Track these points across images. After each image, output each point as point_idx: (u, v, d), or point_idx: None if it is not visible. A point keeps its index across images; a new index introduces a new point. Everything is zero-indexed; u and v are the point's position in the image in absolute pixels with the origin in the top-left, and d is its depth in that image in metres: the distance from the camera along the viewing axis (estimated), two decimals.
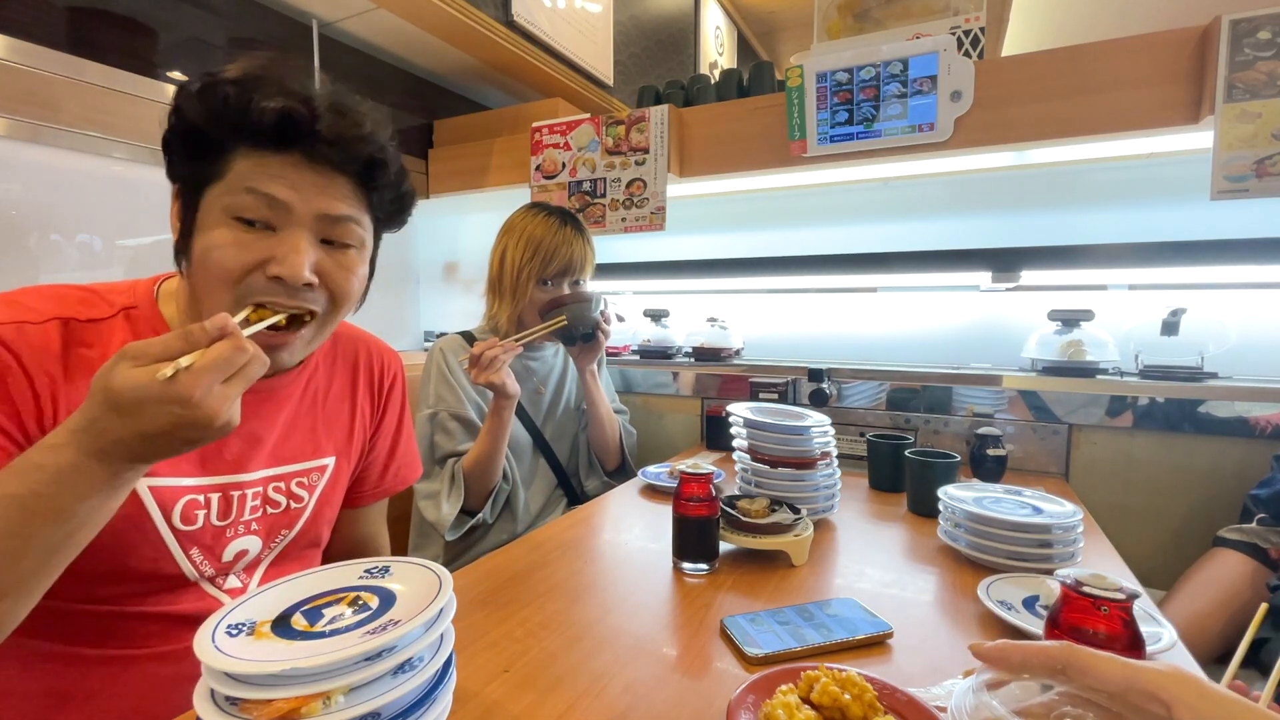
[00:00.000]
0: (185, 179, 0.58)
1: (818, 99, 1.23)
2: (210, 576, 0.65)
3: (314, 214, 0.59)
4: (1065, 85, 1.08)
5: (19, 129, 0.99)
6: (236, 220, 0.56)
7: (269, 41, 1.36)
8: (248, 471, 0.66)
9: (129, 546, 0.59)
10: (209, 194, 0.57)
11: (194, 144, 0.57)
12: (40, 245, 1.04)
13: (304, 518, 0.71)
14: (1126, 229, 1.32)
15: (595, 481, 1.31)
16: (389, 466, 0.83)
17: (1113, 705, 0.35)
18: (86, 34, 1.08)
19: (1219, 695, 0.32)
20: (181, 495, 0.61)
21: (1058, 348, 1.28)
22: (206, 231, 0.56)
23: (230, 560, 0.66)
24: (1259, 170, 0.96)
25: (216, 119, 0.55)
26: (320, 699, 0.39)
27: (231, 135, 0.56)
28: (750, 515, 0.83)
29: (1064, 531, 0.77)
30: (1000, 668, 0.39)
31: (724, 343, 1.61)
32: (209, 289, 0.57)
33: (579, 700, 0.52)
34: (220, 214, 0.56)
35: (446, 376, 1.15)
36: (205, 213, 0.57)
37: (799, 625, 0.63)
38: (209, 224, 0.57)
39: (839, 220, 1.63)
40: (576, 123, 1.46)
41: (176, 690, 0.61)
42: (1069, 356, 1.26)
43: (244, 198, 0.56)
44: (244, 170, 0.56)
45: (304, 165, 0.58)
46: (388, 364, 0.82)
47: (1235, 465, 1.12)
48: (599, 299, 1.20)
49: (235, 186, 0.56)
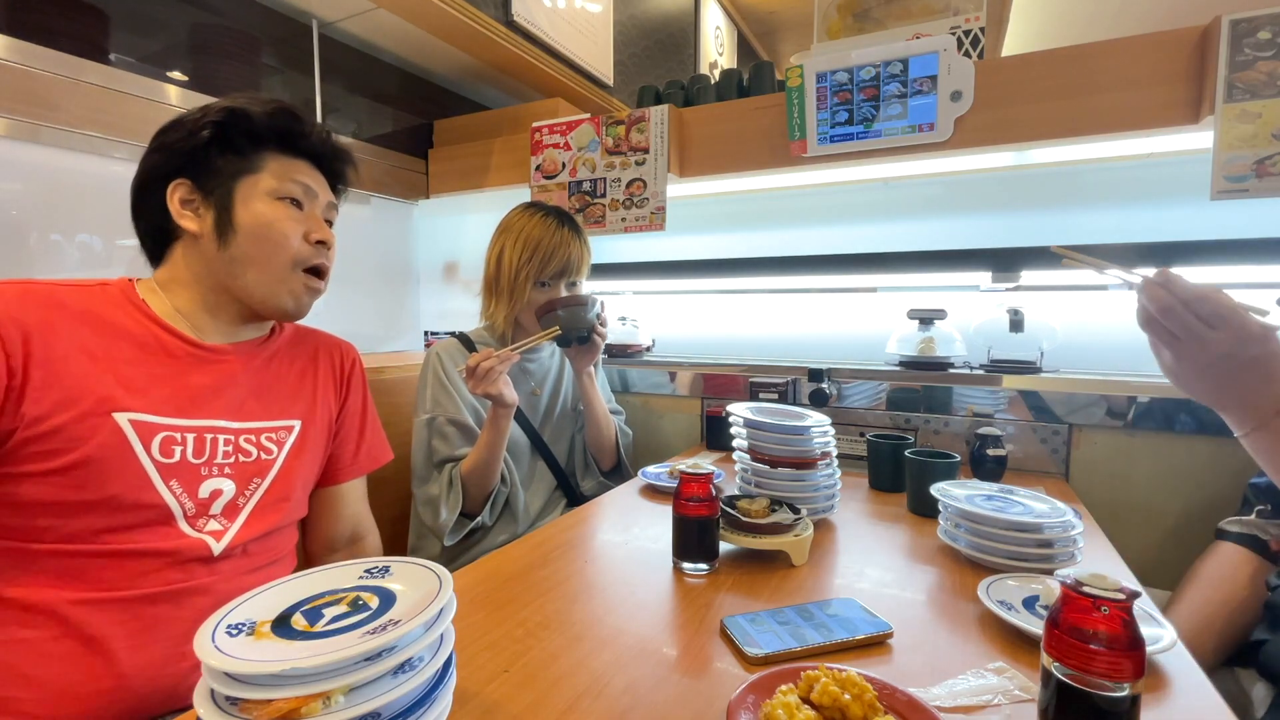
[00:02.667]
0: (217, 173, 0.74)
1: (818, 99, 1.23)
2: (191, 515, 0.71)
3: (325, 202, 0.83)
4: (1065, 85, 1.08)
5: (19, 129, 0.99)
6: (281, 200, 0.76)
7: (269, 41, 1.36)
8: (219, 419, 0.75)
9: (114, 474, 0.65)
10: (245, 183, 0.75)
11: (243, 143, 0.75)
12: (40, 245, 1.04)
13: (274, 469, 0.79)
14: (1126, 229, 1.32)
15: (591, 482, 1.31)
16: (360, 445, 0.94)
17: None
18: (86, 34, 1.08)
19: None
20: (159, 430, 0.69)
21: (915, 344, 1.42)
22: (257, 209, 0.75)
23: (207, 498, 0.72)
24: (1259, 170, 0.95)
25: (276, 129, 0.77)
26: (320, 699, 0.39)
27: (279, 142, 0.77)
28: (750, 515, 0.83)
29: (1064, 531, 0.77)
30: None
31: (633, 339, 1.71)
32: (268, 247, 0.75)
33: (579, 700, 0.52)
34: (266, 196, 0.76)
35: (443, 381, 1.15)
36: (247, 195, 0.75)
37: (799, 625, 0.63)
38: (256, 203, 0.75)
39: (839, 220, 1.63)
40: (576, 123, 1.46)
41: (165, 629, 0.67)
42: (920, 351, 1.41)
43: (290, 184, 0.77)
44: (279, 168, 0.77)
45: (312, 167, 0.81)
46: (345, 351, 0.94)
47: (1235, 461, 1.12)
48: (594, 301, 1.19)
49: (281, 176, 0.77)
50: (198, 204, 0.74)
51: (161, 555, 0.68)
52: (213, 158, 0.74)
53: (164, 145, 0.75)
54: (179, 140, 0.74)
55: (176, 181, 0.74)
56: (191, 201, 0.74)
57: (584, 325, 1.17)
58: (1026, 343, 1.34)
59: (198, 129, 0.74)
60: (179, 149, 0.74)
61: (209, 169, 0.74)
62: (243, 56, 1.32)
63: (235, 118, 0.75)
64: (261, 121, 0.76)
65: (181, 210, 0.74)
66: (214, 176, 0.74)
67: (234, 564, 0.74)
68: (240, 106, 0.75)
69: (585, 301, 1.17)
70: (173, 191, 0.74)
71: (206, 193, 0.74)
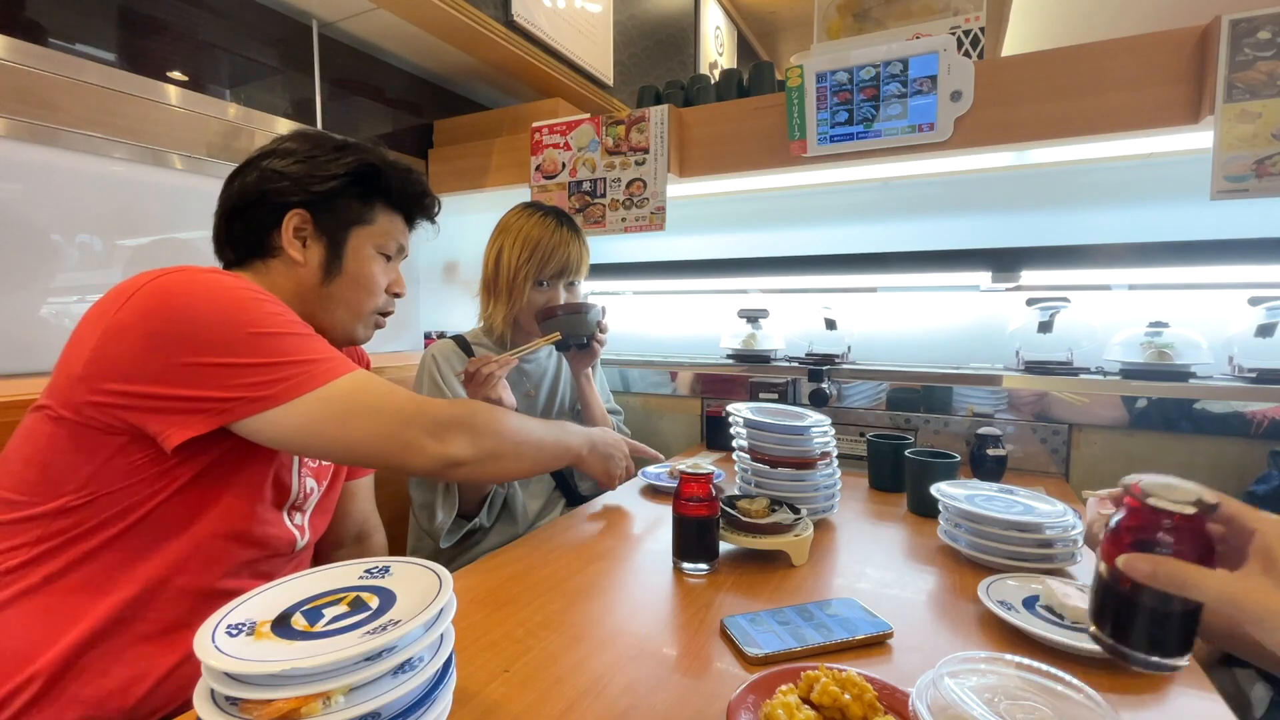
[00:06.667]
0: (336, 214, 0.78)
1: (818, 99, 1.23)
2: (292, 506, 0.76)
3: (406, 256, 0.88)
4: (1065, 85, 1.08)
5: (19, 129, 0.99)
6: (379, 254, 0.82)
7: (269, 42, 1.36)
8: None
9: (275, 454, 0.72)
10: (358, 233, 0.79)
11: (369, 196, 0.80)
12: (40, 245, 1.04)
13: (332, 469, 0.86)
14: (1127, 229, 1.32)
15: (590, 482, 1.31)
16: None
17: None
18: (86, 34, 1.08)
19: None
20: None
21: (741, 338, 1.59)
22: (363, 260, 0.80)
23: (306, 494, 0.78)
24: (1259, 170, 0.95)
25: (405, 195, 0.83)
26: (320, 699, 0.39)
27: (400, 203, 0.83)
28: (750, 515, 0.83)
29: (1064, 531, 0.77)
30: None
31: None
32: (363, 295, 0.81)
33: (579, 700, 0.52)
34: (373, 250, 0.81)
35: (438, 384, 1.14)
36: (358, 246, 0.80)
37: (799, 625, 0.63)
38: (364, 255, 0.80)
39: (839, 220, 1.63)
40: (576, 123, 1.46)
41: None
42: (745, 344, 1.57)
43: (391, 243, 0.83)
44: (386, 224, 0.82)
45: (406, 224, 0.87)
46: (360, 353, 0.98)
47: (1234, 463, 1.12)
48: (595, 308, 1.19)
49: (386, 234, 0.82)
50: (308, 236, 0.77)
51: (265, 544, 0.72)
52: (336, 199, 0.77)
53: (291, 175, 0.75)
54: (311, 176, 0.75)
55: (295, 211, 0.75)
56: (303, 232, 0.76)
57: (584, 332, 1.17)
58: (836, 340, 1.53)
59: (334, 174, 0.76)
60: (309, 183, 0.75)
61: (329, 208, 0.77)
62: (243, 57, 1.32)
63: (371, 172, 0.78)
64: (394, 186, 0.81)
65: (292, 239, 0.76)
66: (332, 216, 0.77)
67: (301, 558, 0.79)
68: (380, 165, 0.79)
69: (586, 309, 1.17)
70: (289, 220, 0.75)
71: (320, 229, 0.77)
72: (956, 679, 0.44)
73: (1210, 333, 1.21)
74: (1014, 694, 0.44)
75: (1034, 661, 0.46)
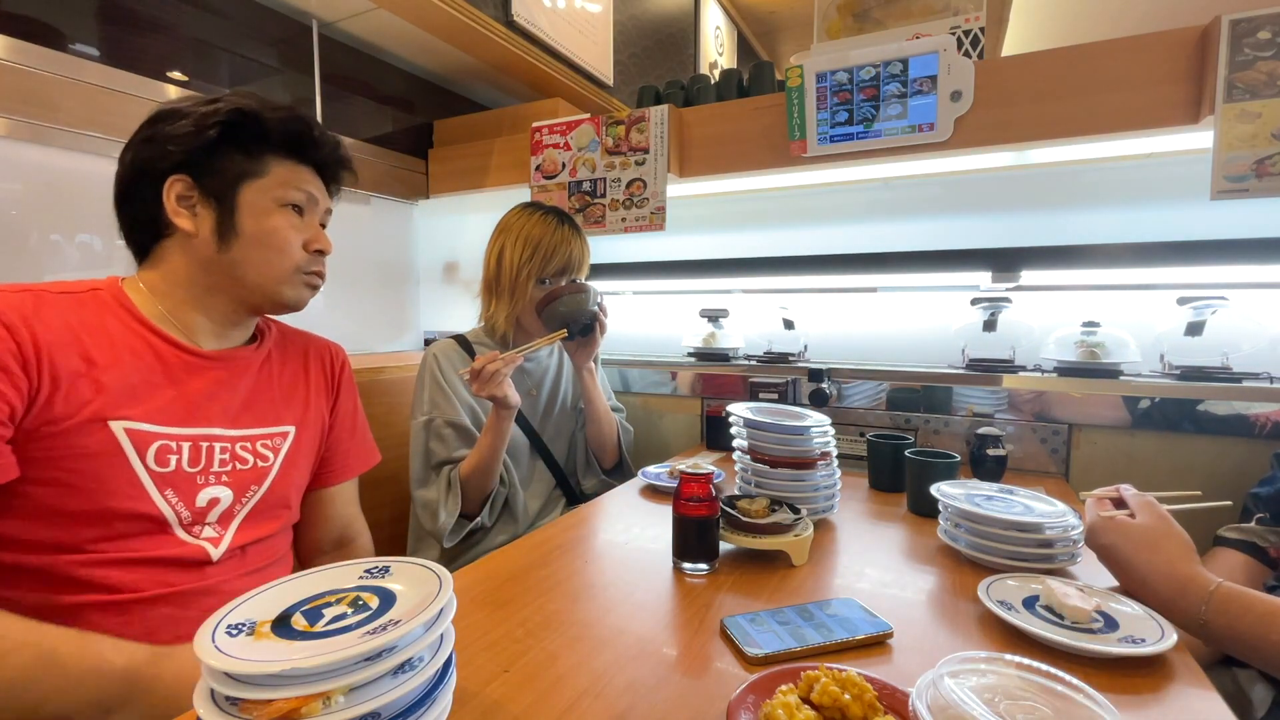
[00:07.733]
0: (220, 172, 0.72)
1: (818, 99, 1.23)
2: (187, 523, 0.71)
3: (324, 208, 0.82)
4: (1065, 85, 1.08)
5: (19, 129, 0.99)
6: (285, 208, 0.75)
7: (269, 42, 1.36)
8: (214, 426, 0.74)
9: (109, 484, 0.65)
10: (249, 187, 0.73)
11: (250, 145, 0.73)
12: (40, 245, 1.04)
13: (271, 476, 0.79)
14: (1126, 229, 1.32)
15: (593, 480, 1.31)
16: (351, 447, 0.93)
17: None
18: (86, 34, 1.08)
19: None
20: (155, 439, 0.68)
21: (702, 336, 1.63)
22: (261, 214, 0.74)
23: (204, 506, 0.72)
24: (1259, 170, 0.95)
25: (288, 136, 0.75)
26: (320, 699, 0.39)
27: (286, 147, 0.76)
28: (750, 515, 0.83)
29: (1064, 531, 0.77)
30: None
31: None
32: (271, 254, 0.75)
33: (579, 700, 0.52)
34: (272, 203, 0.74)
35: (440, 383, 1.14)
36: (252, 200, 0.73)
37: (799, 625, 0.63)
38: (261, 209, 0.74)
39: (839, 220, 1.63)
40: (576, 123, 1.46)
41: (170, 629, 0.67)
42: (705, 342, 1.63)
43: (295, 192, 0.76)
44: (283, 174, 0.76)
45: (314, 174, 0.80)
46: (334, 353, 0.94)
47: (1236, 464, 1.12)
48: (594, 291, 1.19)
49: (284, 184, 0.75)
50: (195, 202, 0.72)
51: (158, 563, 0.68)
52: (216, 157, 0.71)
53: (160, 136, 0.71)
54: (180, 134, 0.70)
55: (175, 177, 0.70)
56: (189, 199, 0.71)
57: (586, 313, 1.18)
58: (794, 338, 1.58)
59: (204, 126, 0.70)
60: (180, 143, 0.70)
61: (211, 168, 0.71)
62: (243, 57, 1.32)
63: (246, 119, 0.72)
64: (274, 127, 0.74)
65: (178, 208, 0.71)
66: (216, 176, 0.72)
67: (233, 565, 0.74)
68: (252, 109, 0.73)
69: (585, 289, 1.18)
70: (170, 187, 0.70)
71: (206, 192, 0.72)
72: (956, 679, 0.44)
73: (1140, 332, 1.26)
74: (1014, 694, 0.44)
75: (1034, 661, 0.46)
